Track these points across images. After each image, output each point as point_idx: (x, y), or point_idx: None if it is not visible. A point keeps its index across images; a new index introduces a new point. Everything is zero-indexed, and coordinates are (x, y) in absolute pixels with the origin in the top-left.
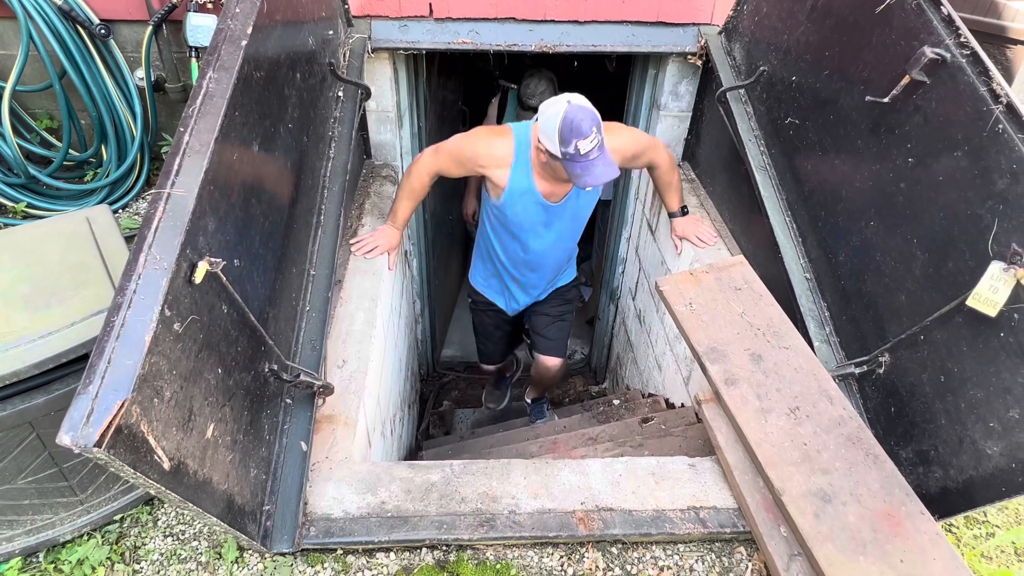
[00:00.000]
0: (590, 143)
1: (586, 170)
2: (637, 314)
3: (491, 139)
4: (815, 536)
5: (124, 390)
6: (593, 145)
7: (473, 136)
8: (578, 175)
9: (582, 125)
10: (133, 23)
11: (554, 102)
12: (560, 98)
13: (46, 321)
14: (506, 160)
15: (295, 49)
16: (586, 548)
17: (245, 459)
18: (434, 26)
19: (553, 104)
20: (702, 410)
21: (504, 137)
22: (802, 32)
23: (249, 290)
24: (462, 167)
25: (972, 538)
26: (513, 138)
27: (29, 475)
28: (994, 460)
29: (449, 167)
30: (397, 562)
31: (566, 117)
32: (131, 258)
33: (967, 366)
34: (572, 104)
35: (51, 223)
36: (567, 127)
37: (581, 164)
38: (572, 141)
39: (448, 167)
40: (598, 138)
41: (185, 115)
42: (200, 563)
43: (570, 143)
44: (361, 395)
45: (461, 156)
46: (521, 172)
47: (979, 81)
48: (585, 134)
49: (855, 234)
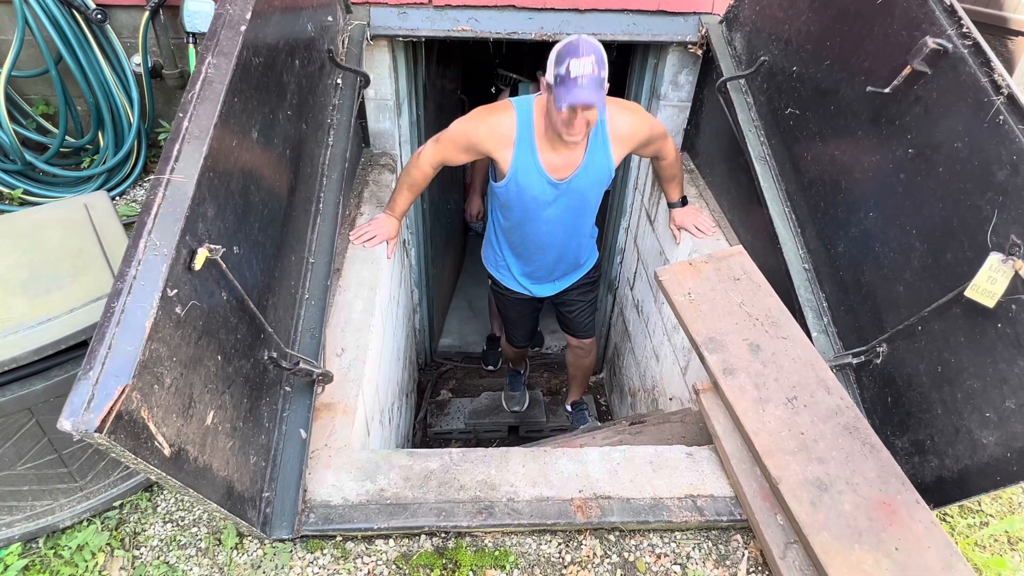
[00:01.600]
0: (582, 67)
1: (569, 89)
2: (635, 304)
3: (492, 116)
4: (811, 524)
5: (125, 376)
6: (584, 71)
7: (473, 116)
8: (559, 96)
9: (580, 48)
10: (130, 8)
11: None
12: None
13: (45, 307)
14: (509, 137)
15: (294, 35)
16: (584, 535)
17: (245, 446)
18: (433, 13)
19: (568, 39)
20: (700, 400)
21: (505, 112)
22: (803, 22)
23: (248, 277)
24: (465, 151)
25: (966, 527)
26: (515, 113)
27: (28, 461)
28: (989, 449)
29: (452, 153)
30: (396, 549)
31: (571, 41)
32: (131, 244)
33: (964, 357)
34: (581, 38)
35: (49, 209)
36: (566, 47)
37: (566, 84)
38: (566, 60)
39: (451, 154)
40: (594, 68)
41: (184, 101)
42: (200, 549)
43: (564, 62)
44: (360, 383)
45: (463, 139)
46: (525, 148)
47: (980, 72)
48: (580, 55)
49: (854, 225)
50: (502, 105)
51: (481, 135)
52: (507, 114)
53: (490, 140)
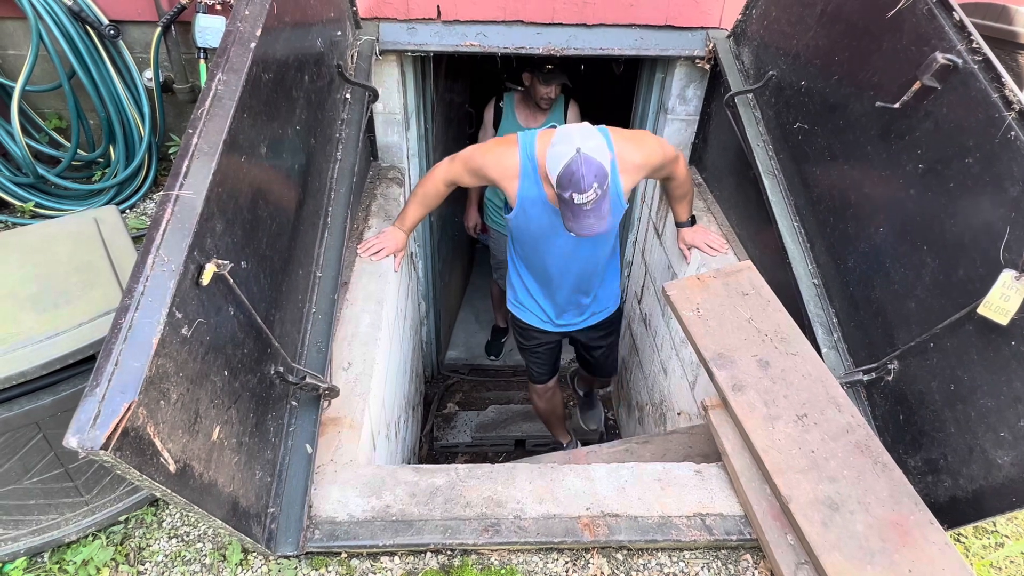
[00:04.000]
0: (585, 198)
1: (575, 217)
2: (643, 318)
3: (499, 147)
4: (822, 545)
5: (131, 392)
6: (587, 200)
7: (483, 147)
8: (566, 218)
9: (582, 181)
10: (142, 24)
11: (566, 139)
12: (573, 138)
13: (54, 322)
14: (514, 170)
15: (303, 51)
16: (591, 554)
17: (250, 461)
18: (442, 28)
19: (564, 141)
20: (709, 416)
21: (510, 147)
22: (811, 37)
23: (256, 292)
24: (474, 177)
25: (981, 548)
26: (519, 149)
27: (35, 475)
28: (1004, 470)
29: (462, 176)
30: (401, 566)
31: (569, 166)
32: (139, 260)
33: (977, 375)
34: (581, 154)
35: (59, 223)
36: (567, 176)
37: (572, 210)
38: (568, 190)
39: (461, 176)
40: (596, 193)
41: (194, 117)
42: (204, 565)
43: (566, 190)
44: (366, 398)
45: (472, 166)
46: (529, 181)
47: (991, 87)
48: (582, 189)
49: (864, 240)
50: (509, 139)
51: (488, 163)
52: (512, 149)
53: (495, 169)
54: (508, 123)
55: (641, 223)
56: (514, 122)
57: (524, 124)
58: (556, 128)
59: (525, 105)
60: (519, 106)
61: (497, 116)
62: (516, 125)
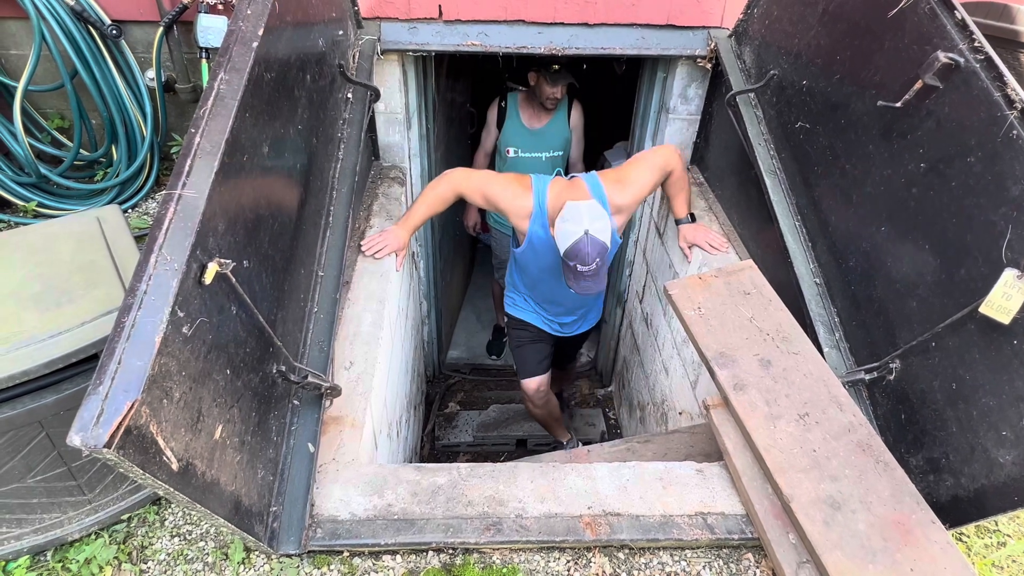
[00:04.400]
0: (588, 269)
1: (576, 280)
2: (644, 318)
3: (515, 189)
4: (824, 544)
5: (134, 391)
6: (590, 270)
7: (502, 183)
8: (568, 278)
9: (587, 257)
10: (144, 24)
11: (575, 218)
12: (582, 218)
13: (56, 321)
14: (526, 212)
15: (305, 51)
16: (593, 553)
17: (253, 460)
18: (443, 28)
19: (574, 220)
20: (710, 415)
21: (526, 191)
22: (813, 36)
23: (258, 291)
24: (485, 201)
25: (983, 547)
26: (533, 193)
27: (38, 474)
28: (1006, 469)
29: (474, 197)
30: (403, 565)
31: (577, 245)
32: (142, 259)
33: (979, 374)
34: (588, 236)
35: (62, 223)
36: (573, 251)
37: (574, 275)
38: (573, 261)
39: (474, 196)
40: (596, 264)
41: (196, 116)
42: (207, 564)
43: (571, 261)
44: (368, 397)
45: (487, 193)
46: (538, 224)
47: (993, 86)
48: (586, 263)
49: (866, 239)
50: (524, 181)
51: (502, 199)
52: (527, 193)
53: (509, 206)
54: (512, 123)
55: (643, 222)
56: (518, 122)
57: (528, 124)
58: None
59: (529, 105)
60: (523, 106)
61: (501, 116)
62: (520, 125)
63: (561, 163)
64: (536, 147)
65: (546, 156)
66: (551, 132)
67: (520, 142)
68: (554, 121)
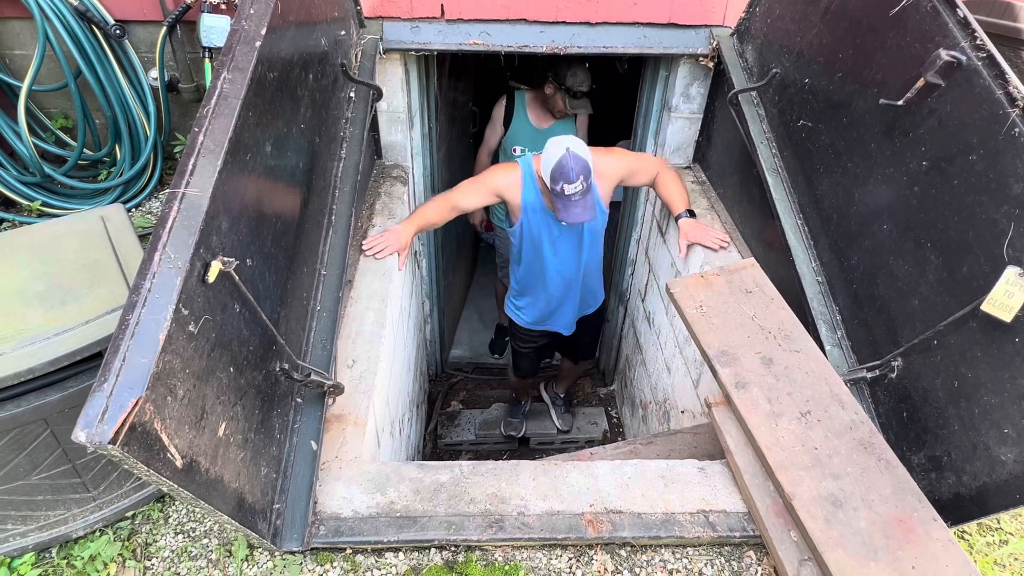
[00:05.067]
0: (573, 188)
1: (565, 208)
2: (646, 316)
3: (504, 171)
4: (826, 541)
5: (138, 388)
6: (576, 190)
7: (491, 170)
8: (558, 209)
9: (570, 172)
10: (147, 24)
11: (557, 144)
12: (563, 142)
13: (61, 319)
14: (517, 183)
15: (308, 50)
16: (595, 550)
17: (256, 458)
18: (445, 27)
19: (556, 145)
20: (712, 413)
21: (513, 169)
22: (815, 34)
23: (261, 289)
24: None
25: (985, 545)
26: (520, 168)
27: (43, 471)
28: (1008, 467)
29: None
30: (406, 562)
31: (560, 161)
32: (146, 257)
33: (981, 371)
34: (569, 151)
35: (66, 222)
36: (558, 170)
37: (562, 201)
38: (559, 182)
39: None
40: (583, 185)
41: (199, 115)
42: (210, 560)
43: (557, 183)
44: (371, 395)
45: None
46: (530, 190)
47: (995, 84)
48: (571, 180)
49: (868, 238)
50: (511, 165)
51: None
52: (515, 170)
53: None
54: (520, 122)
55: (645, 221)
56: (525, 121)
57: (536, 124)
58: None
59: (537, 105)
60: (531, 105)
61: (508, 114)
62: (527, 124)
63: None
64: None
65: None
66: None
67: (528, 141)
68: (562, 120)
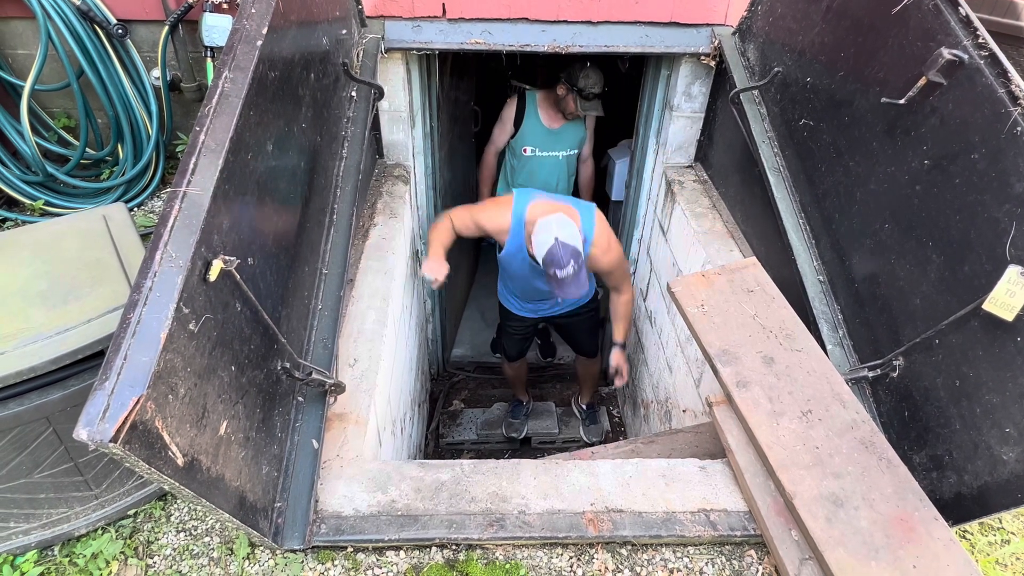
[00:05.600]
0: (565, 272)
1: (560, 287)
2: (648, 315)
3: (495, 211)
4: (826, 540)
5: (140, 386)
6: (568, 274)
7: (483, 208)
8: (554, 288)
9: (561, 261)
10: (150, 23)
11: (546, 229)
12: (552, 229)
13: (63, 317)
14: (505, 227)
15: (309, 49)
16: (595, 549)
17: (257, 456)
18: (447, 26)
19: (545, 231)
20: (713, 413)
21: (505, 210)
22: (817, 33)
23: (262, 288)
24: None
25: (987, 544)
26: (512, 212)
27: (45, 469)
28: (1010, 466)
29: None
30: (407, 560)
31: (551, 251)
32: (147, 256)
33: (983, 371)
34: (558, 242)
35: (68, 221)
36: (549, 258)
37: (556, 282)
38: (551, 267)
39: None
40: (574, 268)
41: (201, 115)
42: (212, 559)
43: (550, 268)
44: (372, 394)
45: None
46: (515, 239)
47: (997, 83)
48: (562, 266)
49: (869, 237)
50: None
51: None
52: (506, 212)
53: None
54: (531, 122)
55: (647, 221)
56: (537, 121)
57: (547, 124)
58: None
59: (548, 106)
60: (542, 105)
61: (519, 114)
62: (539, 124)
63: (575, 160)
64: (554, 146)
65: (563, 155)
66: (569, 131)
67: (539, 141)
68: (572, 121)
